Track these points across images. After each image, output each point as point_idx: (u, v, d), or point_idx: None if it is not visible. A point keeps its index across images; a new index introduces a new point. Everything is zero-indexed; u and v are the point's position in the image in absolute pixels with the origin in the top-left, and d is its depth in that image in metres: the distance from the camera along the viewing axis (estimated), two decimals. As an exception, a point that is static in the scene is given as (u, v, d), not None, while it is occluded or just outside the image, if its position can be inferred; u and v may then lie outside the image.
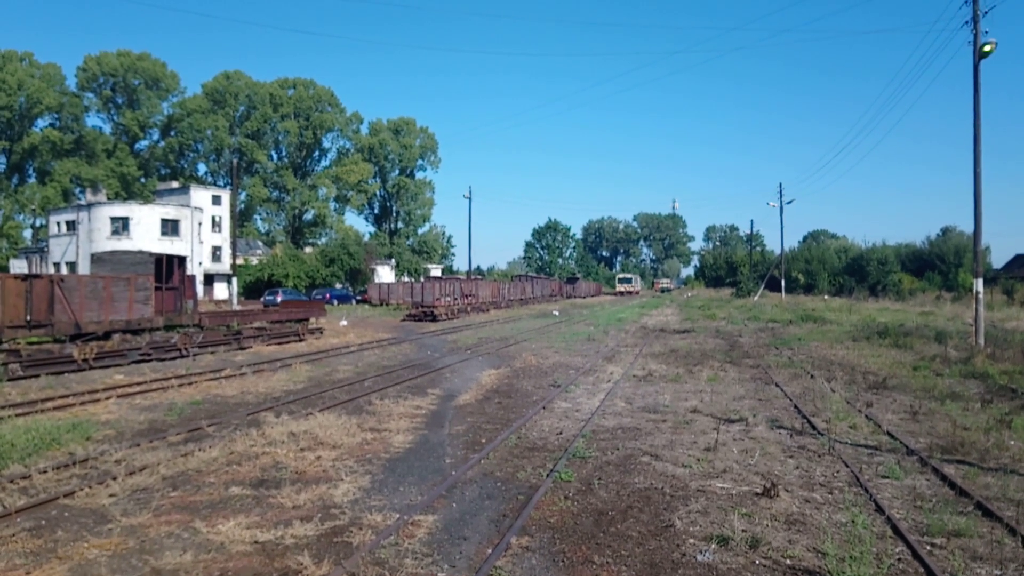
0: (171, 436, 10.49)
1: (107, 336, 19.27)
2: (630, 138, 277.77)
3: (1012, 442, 9.97)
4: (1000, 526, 6.62)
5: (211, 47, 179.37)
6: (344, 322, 36.31)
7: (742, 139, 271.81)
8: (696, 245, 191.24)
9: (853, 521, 6.74)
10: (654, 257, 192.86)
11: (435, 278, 68.21)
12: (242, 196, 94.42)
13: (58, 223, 65.33)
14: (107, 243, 56.24)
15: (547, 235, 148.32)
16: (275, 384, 15.92)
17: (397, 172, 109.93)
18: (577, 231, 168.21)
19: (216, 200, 73.46)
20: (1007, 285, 54.86)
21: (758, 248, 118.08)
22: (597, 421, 11.69)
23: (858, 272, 77.74)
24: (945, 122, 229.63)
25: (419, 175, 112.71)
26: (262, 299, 55.04)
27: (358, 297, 65.06)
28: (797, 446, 9.93)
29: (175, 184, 78.12)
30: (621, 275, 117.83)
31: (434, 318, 40.96)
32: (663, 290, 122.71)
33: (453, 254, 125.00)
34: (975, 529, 6.57)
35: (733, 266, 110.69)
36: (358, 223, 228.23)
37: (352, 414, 12.21)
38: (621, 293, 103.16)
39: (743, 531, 6.48)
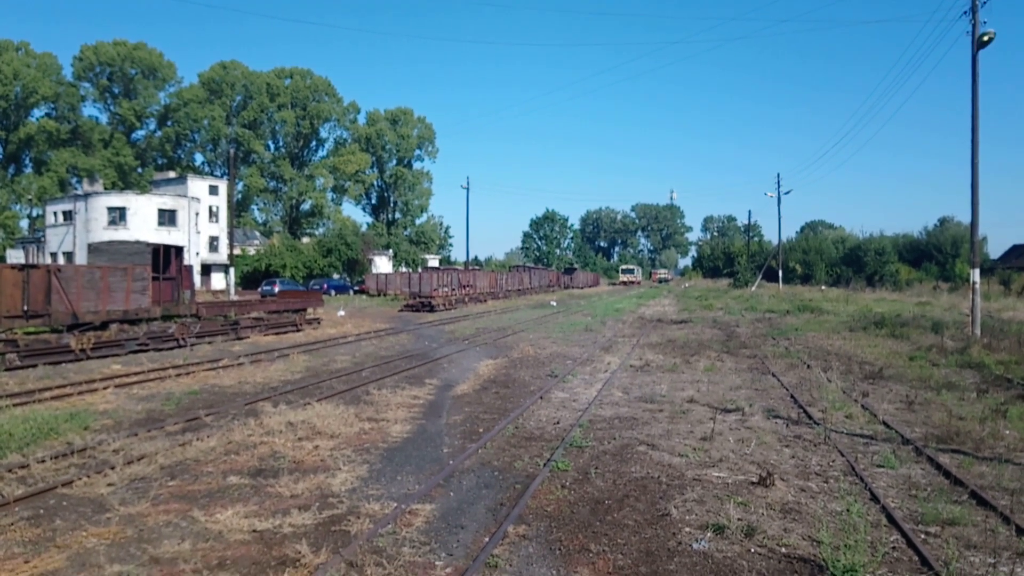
0: (169, 426, 10.51)
1: (104, 326, 19.26)
2: (628, 129, 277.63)
3: (1007, 431, 10.02)
4: (994, 515, 6.66)
5: (208, 37, 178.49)
6: (342, 312, 36.30)
7: (740, 130, 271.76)
8: (694, 236, 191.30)
9: (848, 510, 6.78)
10: (652, 248, 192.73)
11: (433, 268, 68.09)
12: (239, 186, 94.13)
13: (55, 213, 65.12)
14: (104, 233, 56.08)
15: (545, 225, 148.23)
16: (273, 374, 15.94)
17: (394, 162, 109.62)
18: (575, 222, 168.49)
19: (213, 190, 73.23)
20: (1004, 275, 54.96)
21: (756, 239, 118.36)
22: (594, 411, 11.73)
23: (855, 262, 77.82)
24: (943, 112, 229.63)
25: (417, 165, 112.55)
26: (259, 289, 55.01)
27: (356, 287, 65.03)
28: (793, 435, 9.97)
29: (172, 174, 77.87)
30: (624, 266, 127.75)
31: (432, 308, 40.95)
32: (661, 281, 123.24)
33: (451, 244, 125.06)
34: (969, 518, 6.60)
35: (731, 257, 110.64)
36: (355, 213, 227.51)
37: (350, 404, 12.23)
38: (624, 283, 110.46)
39: (739, 520, 6.51)
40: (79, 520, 6.65)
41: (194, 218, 65.03)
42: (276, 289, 48.88)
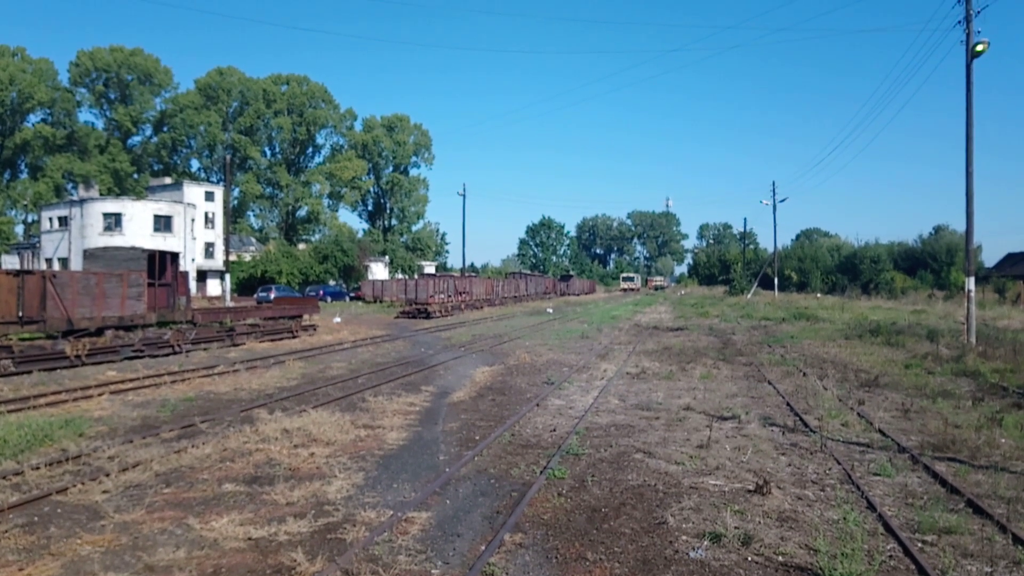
0: (164, 432, 10.47)
1: (100, 332, 19.19)
2: (624, 136, 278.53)
3: (1003, 440, 10.04)
4: (991, 523, 6.66)
5: (204, 43, 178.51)
6: (338, 319, 36.25)
7: (736, 137, 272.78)
8: (690, 243, 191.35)
9: (845, 518, 6.78)
10: (648, 255, 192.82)
11: (429, 275, 68.17)
12: (235, 192, 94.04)
13: (50, 219, 64.92)
14: (99, 239, 55.96)
15: (541, 232, 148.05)
16: (268, 381, 15.89)
17: (391, 169, 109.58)
18: (571, 229, 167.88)
19: (209, 196, 73.05)
20: (999, 284, 55.08)
21: (751, 246, 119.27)
22: (590, 418, 11.72)
23: (851, 270, 78.06)
24: (938, 121, 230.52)
25: (413, 172, 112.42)
26: (255, 296, 54.86)
27: (352, 294, 64.99)
28: (789, 443, 9.97)
29: (168, 180, 77.64)
30: (624, 275, 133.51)
31: (428, 315, 40.93)
32: (657, 288, 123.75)
33: (447, 251, 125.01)
34: (966, 526, 6.61)
35: (726, 264, 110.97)
36: (352, 220, 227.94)
37: (346, 411, 12.20)
38: (624, 290, 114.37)
39: (735, 528, 6.51)
40: (73, 527, 6.61)
41: (190, 224, 64.94)
42: (272, 295, 48.70)
